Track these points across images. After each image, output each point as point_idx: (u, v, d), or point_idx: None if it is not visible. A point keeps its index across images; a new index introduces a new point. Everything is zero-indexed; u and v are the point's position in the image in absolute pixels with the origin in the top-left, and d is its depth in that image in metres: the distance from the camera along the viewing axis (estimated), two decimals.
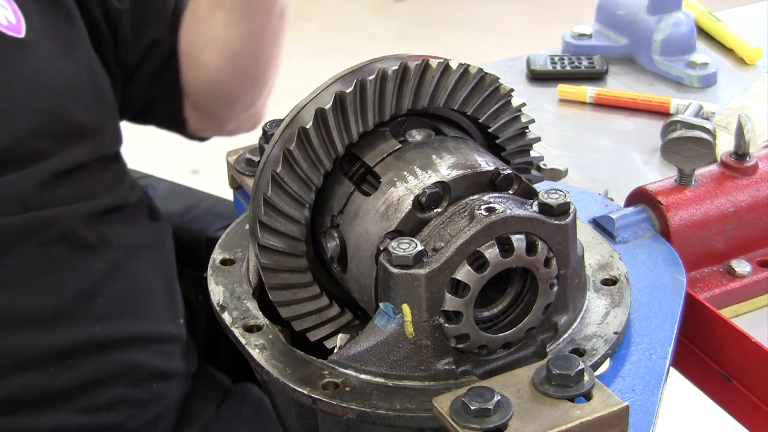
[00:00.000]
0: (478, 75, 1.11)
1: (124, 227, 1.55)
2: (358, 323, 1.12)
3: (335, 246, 1.10)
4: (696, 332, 1.26)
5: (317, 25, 4.65)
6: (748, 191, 1.33)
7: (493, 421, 0.97)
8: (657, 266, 1.26)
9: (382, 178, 1.08)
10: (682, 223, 1.30)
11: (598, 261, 1.21)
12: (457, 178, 1.07)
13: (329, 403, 1.05)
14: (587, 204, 1.35)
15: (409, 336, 1.04)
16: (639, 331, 1.17)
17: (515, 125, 1.16)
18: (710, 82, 1.79)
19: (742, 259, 1.33)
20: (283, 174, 1.07)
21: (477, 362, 1.07)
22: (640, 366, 1.13)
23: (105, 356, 1.47)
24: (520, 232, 1.04)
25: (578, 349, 1.10)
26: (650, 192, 1.33)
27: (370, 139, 1.11)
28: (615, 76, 1.84)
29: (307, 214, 1.09)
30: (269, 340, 1.12)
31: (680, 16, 1.82)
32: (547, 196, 1.06)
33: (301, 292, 1.11)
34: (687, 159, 1.33)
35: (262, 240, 1.08)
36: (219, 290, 1.19)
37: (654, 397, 1.10)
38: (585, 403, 0.99)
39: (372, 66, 1.09)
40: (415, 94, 1.09)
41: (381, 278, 1.04)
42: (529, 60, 1.84)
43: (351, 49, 4.47)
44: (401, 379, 1.06)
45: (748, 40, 1.86)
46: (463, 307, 1.02)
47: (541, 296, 1.06)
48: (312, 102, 1.09)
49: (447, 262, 1.02)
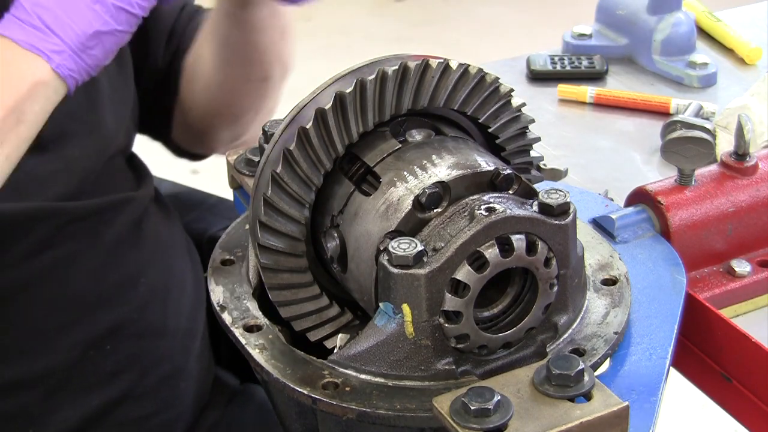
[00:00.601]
0: (478, 75, 1.11)
1: (159, 220, 1.58)
2: (358, 323, 1.12)
3: (335, 246, 1.10)
4: (696, 332, 1.26)
5: (317, 25, 4.65)
6: (748, 191, 1.33)
7: (493, 421, 0.97)
8: (657, 266, 1.25)
9: (382, 178, 1.08)
10: (682, 223, 1.30)
11: (598, 261, 1.21)
12: (457, 178, 1.07)
13: (329, 403, 1.05)
14: (587, 204, 1.35)
15: (409, 336, 1.04)
16: (639, 331, 1.17)
17: (515, 125, 1.16)
18: (710, 82, 1.79)
19: (742, 259, 1.33)
20: (283, 174, 1.07)
21: (477, 362, 1.07)
22: (640, 366, 1.13)
23: (139, 344, 1.49)
24: (520, 232, 1.04)
25: (578, 349, 1.10)
26: (650, 192, 1.33)
27: (370, 139, 1.11)
28: (615, 76, 1.84)
29: (307, 214, 1.09)
30: (269, 340, 1.12)
31: (680, 16, 1.82)
32: (547, 196, 1.06)
33: (301, 292, 1.11)
34: (687, 159, 1.33)
35: (262, 240, 1.08)
36: (219, 290, 1.19)
37: (654, 397, 1.10)
38: (585, 403, 0.99)
39: (372, 66, 1.09)
40: (415, 94, 1.09)
41: (381, 278, 1.04)
42: (529, 60, 1.84)
43: (351, 49, 4.48)
44: (401, 379, 1.06)
45: (748, 40, 1.86)
46: (463, 307, 1.02)
47: (541, 296, 1.06)
48: (312, 102, 1.09)
49: (447, 262, 1.02)
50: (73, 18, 1.18)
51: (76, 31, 1.17)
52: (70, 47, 1.18)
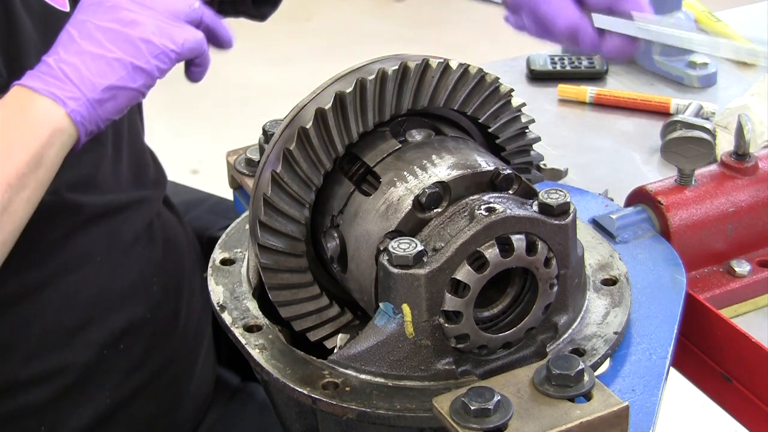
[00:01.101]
0: (478, 75, 1.11)
1: (169, 219, 1.60)
2: (358, 323, 1.12)
3: (335, 246, 1.10)
4: (696, 332, 1.26)
5: (317, 25, 4.65)
6: (748, 191, 1.33)
7: (493, 421, 0.97)
8: (657, 266, 1.26)
9: (382, 178, 1.08)
10: (682, 223, 1.30)
11: (598, 261, 1.21)
12: (457, 178, 1.07)
13: (329, 403, 1.05)
14: (587, 204, 1.35)
15: (409, 336, 1.04)
16: (639, 331, 1.17)
17: (515, 125, 1.16)
18: (710, 82, 1.79)
19: (742, 259, 1.33)
20: (283, 174, 1.07)
21: (477, 362, 1.07)
22: (640, 366, 1.13)
23: (152, 343, 1.50)
24: (520, 232, 1.04)
25: (578, 349, 1.10)
26: (650, 192, 1.33)
27: (370, 139, 1.11)
28: (615, 76, 1.84)
29: (307, 214, 1.09)
30: (269, 340, 1.12)
31: (680, 16, 1.82)
32: (547, 196, 1.06)
33: (301, 292, 1.11)
34: (687, 159, 1.33)
35: (262, 240, 1.08)
36: (219, 290, 1.19)
37: (654, 397, 1.10)
38: (585, 403, 0.99)
39: (372, 66, 1.09)
40: (415, 94, 1.09)
41: (381, 278, 1.04)
42: (529, 60, 1.84)
43: (351, 49, 4.47)
44: (401, 379, 1.06)
45: (748, 40, 1.86)
46: (463, 307, 1.02)
47: (541, 296, 1.06)
48: (312, 102, 1.09)
49: (447, 262, 1.02)
50: (92, 71, 1.24)
51: (93, 82, 1.23)
52: (86, 96, 1.23)
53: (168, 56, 1.26)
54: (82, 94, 1.23)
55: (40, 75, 1.24)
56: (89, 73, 1.23)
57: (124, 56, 1.24)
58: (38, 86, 1.24)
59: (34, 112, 1.23)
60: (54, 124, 1.23)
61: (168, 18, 1.27)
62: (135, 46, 1.24)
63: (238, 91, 4.08)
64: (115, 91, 1.25)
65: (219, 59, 1.36)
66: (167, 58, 1.26)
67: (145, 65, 1.25)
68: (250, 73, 4.20)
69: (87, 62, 1.24)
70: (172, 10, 1.28)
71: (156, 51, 1.25)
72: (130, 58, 1.24)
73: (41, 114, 1.23)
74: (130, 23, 1.25)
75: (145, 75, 1.25)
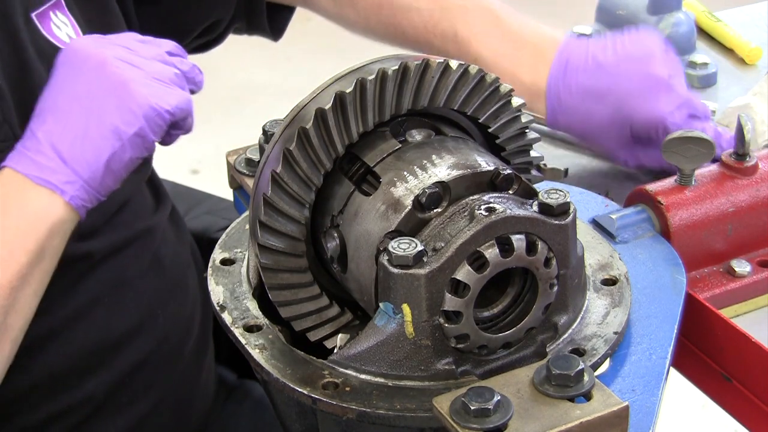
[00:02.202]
0: (478, 75, 1.11)
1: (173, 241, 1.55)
2: (358, 323, 1.12)
3: (335, 246, 1.10)
4: (696, 332, 1.26)
5: (317, 25, 4.64)
6: (748, 191, 1.33)
7: (493, 421, 0.97)
8: (657, 266, 1.25)
9: (382, 178, 1.08)
10: (682, 223, 1.30)
11: (598, 261, 1.21)
12: (457, 178, 1.07)
13: (329, 403, 1.05)
14: (587, 204, 1.35)
15: (409, 336, 1.04)
16: (639, 331, 1.17)
17: (515, 125, 1.16)
18: (710, 82, 1.79)
19: (742, 259, 1.33)
20: (283, 174, 1.07)
21: (477, 362, 1.07)
22: (640, 366, 1.13)
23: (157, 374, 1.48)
24: (520, 232, 1.04)
25: (578, 349, 1.10)
26: (650, 192, 1.32)
27: (370, 139, 1.11)
28: None
29: (307, 214, 1.09)
30: (269, 340, 1.12)
31: (680, 16, 1.82)
32: (547, 196, 1.06)
33: (301, 292, 1.11)
34: (687, 159, 1.33)
35: (262, 240, 1.08)
36: (219, 290, 1.19)
37: (654, 397, 1.10)
38: (585, 403, 0.99)
39: (372, 66, 1.09)
40: (415, 94, 1.09)
41: (381, 278, 1.04)
42: None
43: (351, 49, 4.47)
44: (401, 379, 1.06)
45: (748, 40, 1.86)
46: (463, 307, 1.02)
47: (541, 296, 1.06)
48: (312, 102, 1.09)
49: (447, 262, 1.02)
50: (86, 147, 1.17)
51: (88, 160, 1.17)
52: (83, 178, 1.18)
53: (163, 118, 1.20)
54: (78, 177, 1.17)
55: (31, 158, 1.18)
56: (83, 149, 1.17)
57: (120, 125, 1.18)
58: (32, 173, 1.17)
59: (31, 206, 1.18)
60: (54, 216, 1.18)
61: (156, 77, 1.20)
62: (131, 112, 1.18)
63: (238, 91, 4.08)
64: (112, 165, 1.19)
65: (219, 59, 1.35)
66: (162, 121, 1.20)
67: (141, 132, 1.18)
68: (250, 73, 4.19)
69: (79, 137, 1.17)
70: (158, 70, 1.21)
71: (152, 114, 1.18)
72: (125, 126, 1.18)
73: (39, 208, 1.18)
74: (121, 85, 1.18)
75: (142, 140, 1.19)
